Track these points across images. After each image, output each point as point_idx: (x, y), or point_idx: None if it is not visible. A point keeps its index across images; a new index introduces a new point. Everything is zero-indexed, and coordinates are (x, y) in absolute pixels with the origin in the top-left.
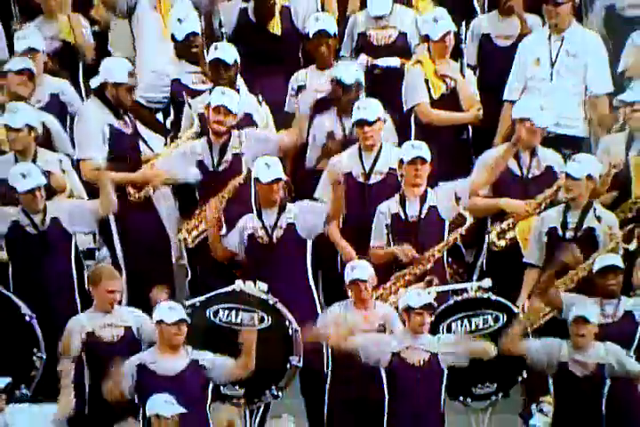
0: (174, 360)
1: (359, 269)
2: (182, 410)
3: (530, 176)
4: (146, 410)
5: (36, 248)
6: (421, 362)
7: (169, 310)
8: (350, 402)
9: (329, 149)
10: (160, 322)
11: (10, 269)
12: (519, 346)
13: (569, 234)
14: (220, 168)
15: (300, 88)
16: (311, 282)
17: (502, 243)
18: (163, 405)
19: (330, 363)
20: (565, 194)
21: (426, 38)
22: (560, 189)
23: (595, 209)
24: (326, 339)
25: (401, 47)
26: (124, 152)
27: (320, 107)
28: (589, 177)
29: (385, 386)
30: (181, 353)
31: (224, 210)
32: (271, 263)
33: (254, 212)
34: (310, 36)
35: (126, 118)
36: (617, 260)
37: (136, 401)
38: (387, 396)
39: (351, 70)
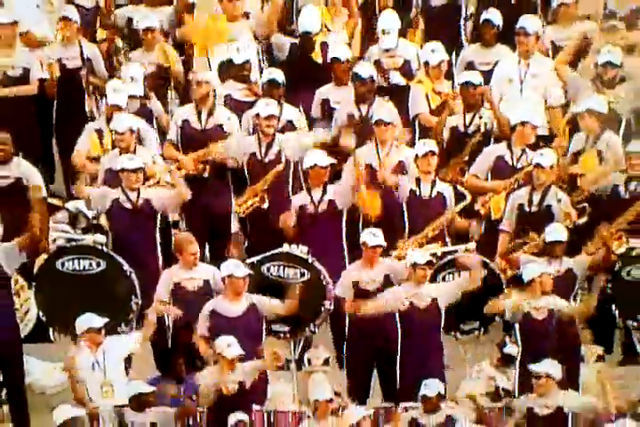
0: (238, 305)
1: (380, 237)
2: (241, 352)
3: (518, 166)
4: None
5: (130, 220)
6: (425, 305)
7: (236, 267)
8: (368, 337)
9: (350, 124)
10: (230, 276)
11: (110, 236)
12: (499, 307)
13: (533, 209)
14: (267, 159)
15: (324, 101)
16: (344, 243)
17: (482, 211)
18: (226, 348)
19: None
20: (536, 180)
21: (425, 64)
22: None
23: (553, 191)
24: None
25: (406, 71)
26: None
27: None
28: (551, 167)
29: (398, 325)
30: (242, 299)
31: (267, 190)
32: (316, 229)
33: (305, 190)
34: (329, 60)
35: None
36: (563, 235)
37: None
38: (399, 332)
39: (367, 68)
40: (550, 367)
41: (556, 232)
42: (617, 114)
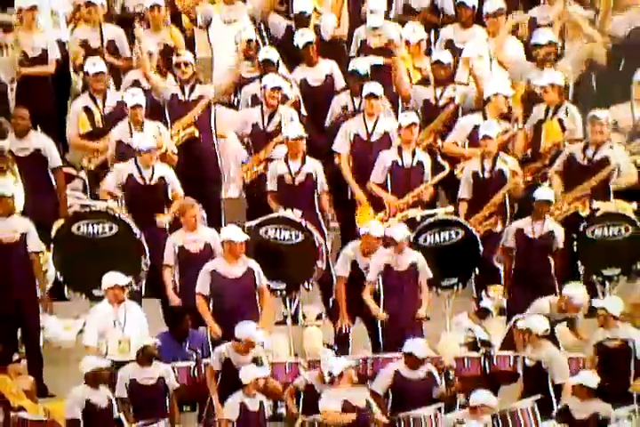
0: (237, 267)
1: (380, 230)
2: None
3: None
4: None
5: (142, 194)
6: (405, 268)
7: (235, 232)
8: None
9: (344, 115)
10: (229, 241)
11: (123, 204)
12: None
13: (486, 175)
14: (269, 129)
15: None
16: (317, 211)
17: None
18: None
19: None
20: (483, 148)
21: (407, 43)
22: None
23: (501, 157)
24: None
25: (389, 49)
26: None
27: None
28: (497, 137)
29: (381, 286)
30: (241, 262)
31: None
32: (293, 197)
33: (283, 161)
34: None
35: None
36: (550, 195)
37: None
38: (381, 292)
39: (365, 64)
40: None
41: (545, 193)
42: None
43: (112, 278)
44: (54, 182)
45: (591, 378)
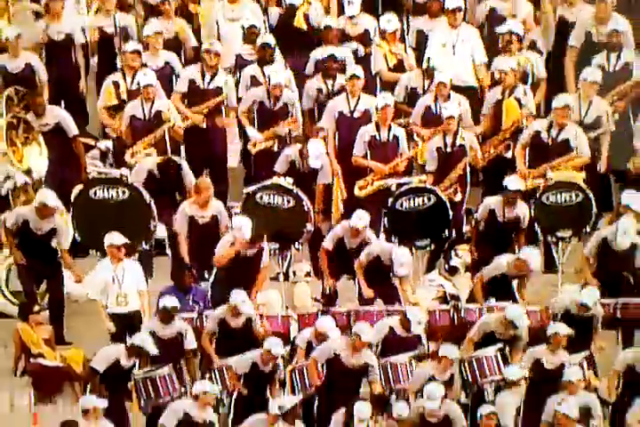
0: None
1: (365, 220)
2: None
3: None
4: None
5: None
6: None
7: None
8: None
9: (318, 98)
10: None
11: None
12: None
13: (448, 150)
14: (275, 108)
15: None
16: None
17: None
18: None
19: None
20: (446, 126)
21: (383, 31)
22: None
23: (460, 133)
24: None
25: (365, 37)
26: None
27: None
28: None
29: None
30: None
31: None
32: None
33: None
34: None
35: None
36: (520, 185)
37: None
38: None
39: (342, 50)
40: None
41: (517, 182)
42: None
43: (110, 238)
44: (74, 150)
45: (561, 326)
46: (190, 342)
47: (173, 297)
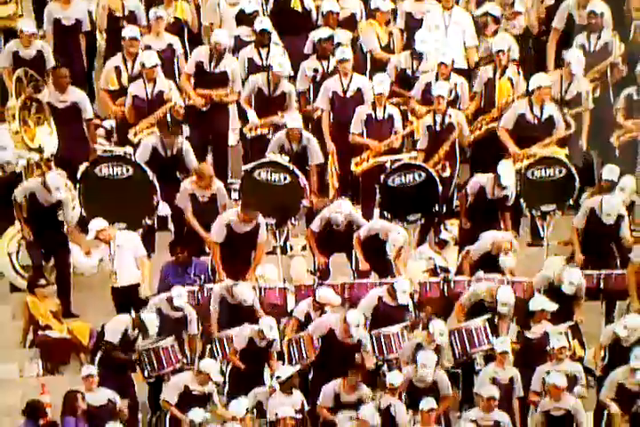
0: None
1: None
2: None
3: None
4: None
5: (164, 164)
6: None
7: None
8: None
9: (315, 78)
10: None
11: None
12: None
13: (438, 128)
14: (273, 96)
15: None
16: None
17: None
18: None
19: None
20: (436, 105)
21: (377, 10)
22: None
23: (449, 113)
24: None
25: (352, 20)
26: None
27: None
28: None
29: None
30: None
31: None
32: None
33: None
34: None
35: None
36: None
37: None
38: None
39: (323, 33)
40: None
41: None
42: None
43: (94, 225)
44: (86, 131)
45: (545, 302)
46: (193, 328)
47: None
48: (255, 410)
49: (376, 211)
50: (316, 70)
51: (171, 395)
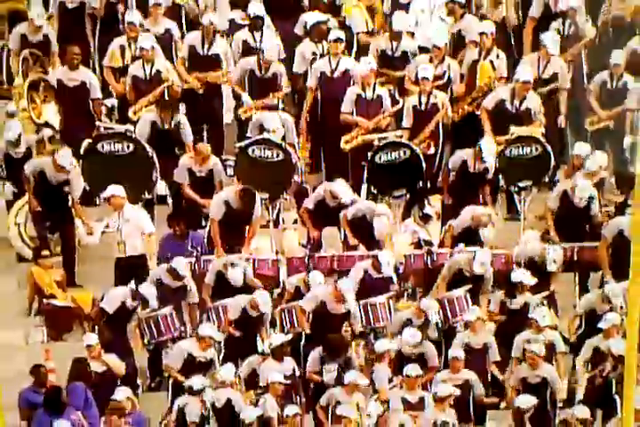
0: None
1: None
2: None
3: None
4: None
5: (161, 138)
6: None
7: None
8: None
9: (313, 61)
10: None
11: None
12: None
13: (422, 107)
14: (265, 77)
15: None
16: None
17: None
18: None
19: None
20: (422, 87)
21: None
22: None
23: (434, 94)
24: None
25: (334, 5)
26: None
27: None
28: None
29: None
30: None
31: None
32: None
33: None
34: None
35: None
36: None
37: None
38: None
39: (319, 17)
40: None
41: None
42: None
43: (110, 189)
44: (92, 110)
45: (525, 275)
46: (194, 297)
47: (181, 259)
48: (248, 377)
49: (363, 186)
50: (314, 53)
51: (175, 361)
